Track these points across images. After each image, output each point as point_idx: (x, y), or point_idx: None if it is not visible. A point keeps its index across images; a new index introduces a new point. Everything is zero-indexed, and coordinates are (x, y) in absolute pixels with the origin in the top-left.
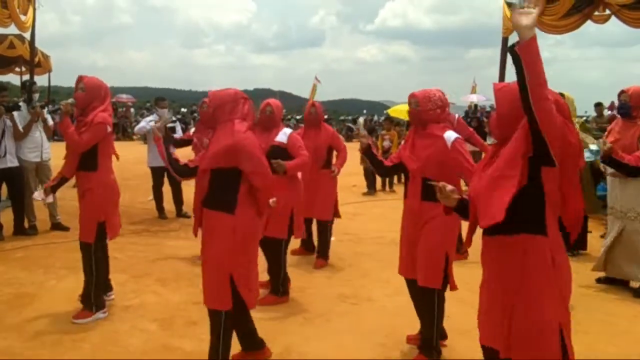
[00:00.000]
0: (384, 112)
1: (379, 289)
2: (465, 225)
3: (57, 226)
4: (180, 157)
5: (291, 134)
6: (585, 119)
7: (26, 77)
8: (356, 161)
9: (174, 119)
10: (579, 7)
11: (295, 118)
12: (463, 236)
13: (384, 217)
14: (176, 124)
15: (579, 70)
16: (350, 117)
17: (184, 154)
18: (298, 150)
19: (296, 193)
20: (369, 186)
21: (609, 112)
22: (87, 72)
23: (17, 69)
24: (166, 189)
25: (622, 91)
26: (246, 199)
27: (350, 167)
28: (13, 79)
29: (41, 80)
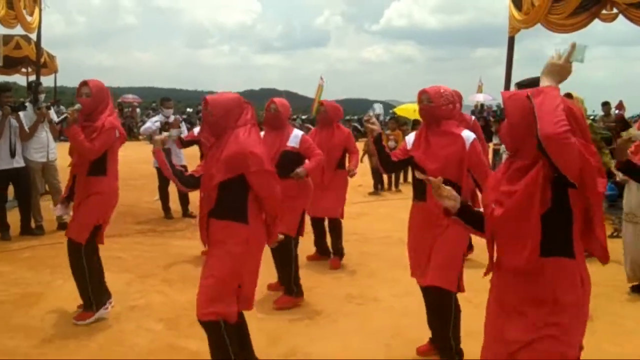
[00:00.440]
0: (390, 111)
1: (385, 289)
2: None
3: (63, 226)
4: (181, 163)
5: (302, 136)
6: (592, 118)
7: (32, 77)
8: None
9: (180, 134)
10: (586, 6)
11: (301, 118)
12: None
13: (390, 217)
14: (182, 123)
15: (586, 70)
16: (356, 117)
17: (190, 154)
18: (312, 151)
19: (307, 192)
20: (375, 185)
21: (616, 111)
22: (93, 73)
23: (23, 70)
24: (172, 189)
25: None
26: (255, 207)
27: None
28: (19, 79)
29: (47, 81)
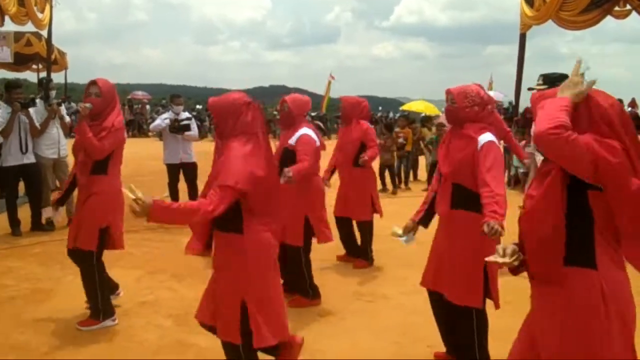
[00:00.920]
0: (399, 109)
1: (395, 287)
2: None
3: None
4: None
5: (302, 136)
6: None
7: (43, 74)
8: None
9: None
10: (599, 3)
11: (311, 115)
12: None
13: (399, 215)
14: (191, 120)
15: (598, 67)
16: None
17: (200, 150)
18: (300, 154)
19: (309, 197)
20: (382, 182)
21: (629, 109)
22: (103, 69)
23: (34, 66)
24: (181, 185)
25: None
26: (251, 215)
27: None
28: (30, 76)
29: (57, 78)
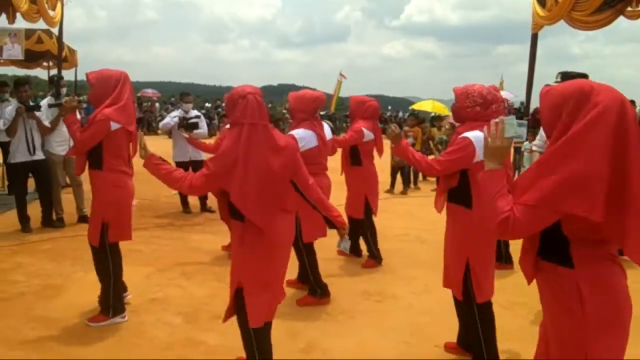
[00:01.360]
0: (409, 108)
1: (404, 287)
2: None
3: (83, 219)
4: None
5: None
6: None
7: (53, 71)
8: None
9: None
10: (611, 3)
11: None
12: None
13: (409, 215)
14: (200, 118)
15: (611, 67)
16: None
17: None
18: None
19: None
20: (392, 184)
21: None
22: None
23: (45, 64)
24: None
25: None
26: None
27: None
28: (41, 73)
29: (68, 75)
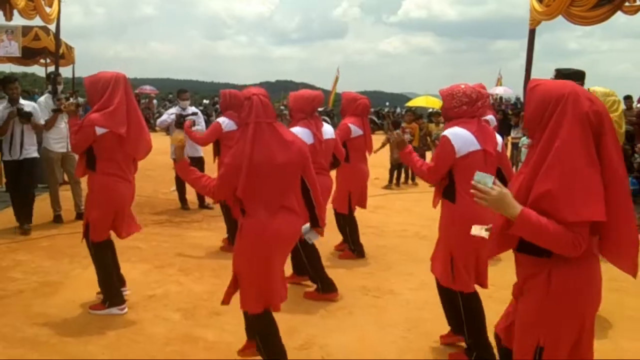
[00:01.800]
0: (405, 105)
1: (401, 283)
2: None
3: (81, 216)
4: (199, 155)
5: None
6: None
7: (51, 68)
8: (379, 154)
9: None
10: None
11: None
12: None
13: (407, 210)
14: (197, 115)
15: (608, 63)
16: (372, 110)
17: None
18: None
19: None
20: (390, 180)
21: (639, 105)
22: (111, 64)
23: (42, 61)
24: None
25: None
26: (248, 199)
27: (372, 159)
28: (38, 70)
29: (65, 72)
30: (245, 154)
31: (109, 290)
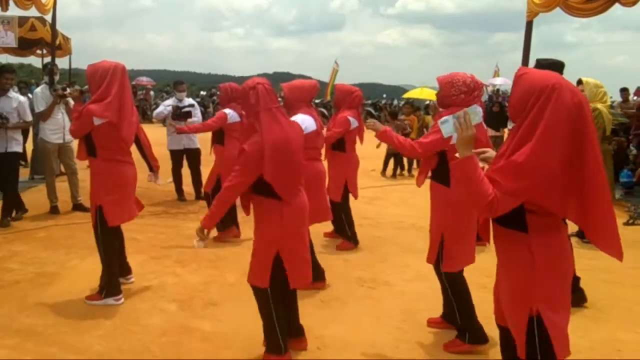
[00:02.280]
0: (402, 97)
1: (397, 274)
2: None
3: (78, 207)
4: (195, 146)
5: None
6: (610, 104)
7: (47, 59)
8: (374, 145)
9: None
10: None
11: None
12: None
13: (403, 202)
14: (194, 107)
15: (605, 55)
16: (369, 102)
17: (203, 137)
18: None
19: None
20: (384, 169)
21: (635, 97)
22: (108, 55)
23: (39, 52)
24: (185, 171)
25: None
26: (260, 186)
27: (368, 150)
28: (34, 61)
29: (62, 63)
30: (265, 142)
31: (109, 279)
